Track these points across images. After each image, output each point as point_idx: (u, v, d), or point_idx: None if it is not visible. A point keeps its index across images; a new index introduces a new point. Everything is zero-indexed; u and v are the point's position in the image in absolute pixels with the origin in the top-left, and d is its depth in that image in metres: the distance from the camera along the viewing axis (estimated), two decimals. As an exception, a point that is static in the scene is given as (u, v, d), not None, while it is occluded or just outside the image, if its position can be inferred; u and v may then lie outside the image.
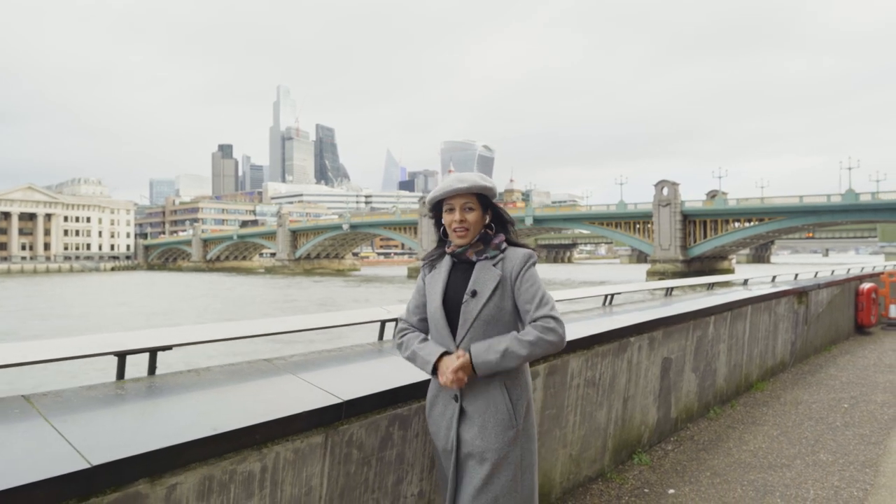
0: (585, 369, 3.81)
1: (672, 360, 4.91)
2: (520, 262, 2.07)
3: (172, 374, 2.28)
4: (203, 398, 2.14)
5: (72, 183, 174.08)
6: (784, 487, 3.98)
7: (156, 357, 2.30)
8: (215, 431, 1.85)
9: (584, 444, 3.90)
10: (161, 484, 1.73)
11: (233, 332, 2.55)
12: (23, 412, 1.82)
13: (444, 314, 2.10)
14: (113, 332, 2.37)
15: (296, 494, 2.11)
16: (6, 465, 1.54)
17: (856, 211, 55.50)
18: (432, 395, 2.18)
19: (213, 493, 1.87)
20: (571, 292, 5.26)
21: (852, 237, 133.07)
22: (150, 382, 2.21)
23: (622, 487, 3.99)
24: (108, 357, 2.28)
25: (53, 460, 1.56)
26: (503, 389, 2.05)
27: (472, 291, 2.05)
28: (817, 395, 6.40)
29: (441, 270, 2.18)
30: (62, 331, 21.36)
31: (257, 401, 2.16)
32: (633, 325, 4.28)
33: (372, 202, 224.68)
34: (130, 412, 1.97)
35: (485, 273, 2.08)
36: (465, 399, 2.06)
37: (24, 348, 2.05)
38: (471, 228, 2.10)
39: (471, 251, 2.12)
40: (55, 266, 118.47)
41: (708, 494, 3.89)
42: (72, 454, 1.60)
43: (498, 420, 2.02)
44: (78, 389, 2.04)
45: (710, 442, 4.91)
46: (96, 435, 1.74)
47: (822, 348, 8.90)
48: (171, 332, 2.39)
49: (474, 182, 2.10)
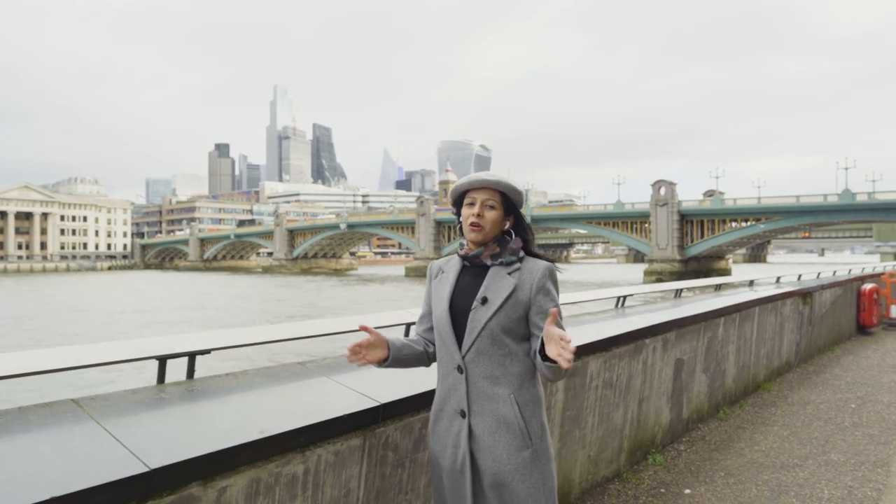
0: (603, 371, 3.86)
1: (684, 361, 4.96)
2: (540, 274, 1.91)
3: (211, 377, 2.31)
4: (244, 401, 2.17)
5: (68, 182, 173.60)
6: (798, 487, 4.03)
7: (194, 361, 2.34)
8: (263, 434, 1.88)
9: (602, 444, 3.94)
10: (213, 486, 1.77)
11: (267, 335, 2.59)
12: (75, 416, 1.85)
13: (450, 321, 1.92)
14: (155, 336, 2.39)
15: (335, 496, 2.15)
16: (67, 469, 1.57)
17: (852, 211, 55.72)
18: (436, 409, 1.99)
19: (259, 495, 1.90)
20: (585, 294, 5.31)
21: (848, 237, 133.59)
22: (191, 386, 2.25)
23: (639, 487, 4.03)
24: (125, 361, 2.30)
25: (112, 464, 1.59)
26: (514, 405, 1.85)
27: (482, 298, 1.88)
28: (824, 396, 6.45)
29: (449, 274, 2.02)
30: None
31: (297, 403, 2.20)
32: (648, 327, 4.33)
33: (369, 202, 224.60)
34: (178, 415, 2.01)
35: (498, 280, 1.91)
36: (474, 414, 1.87)
37: (73, 353, 2.08)
38: (486, 227, 1.92)
39: (486, 254, 1.94)
40: (52, 265, 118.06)
41: (724, 494, 3.93)
42: (129, 458, 1.63)
43: (510, 440, 1.83)
44: (123, 393, 2.07)
45: (722, 442, 4.96)
46: (149, 438, 1.77)
47: (825, 349, 8.97)
48: (209, 335, 2.42)
49: (501, 179, 1.96)
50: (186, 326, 24.36)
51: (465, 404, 1.88)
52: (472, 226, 1.93)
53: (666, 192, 63.11)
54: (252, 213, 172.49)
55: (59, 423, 1.80)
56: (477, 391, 1.88)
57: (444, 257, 2.11)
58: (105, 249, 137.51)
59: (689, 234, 63.14)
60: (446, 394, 1.95)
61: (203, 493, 1.75)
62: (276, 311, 32.29)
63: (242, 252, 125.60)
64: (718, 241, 61.79)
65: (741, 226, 61.15)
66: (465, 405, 1.88)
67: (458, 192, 2.01)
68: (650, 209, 63.84)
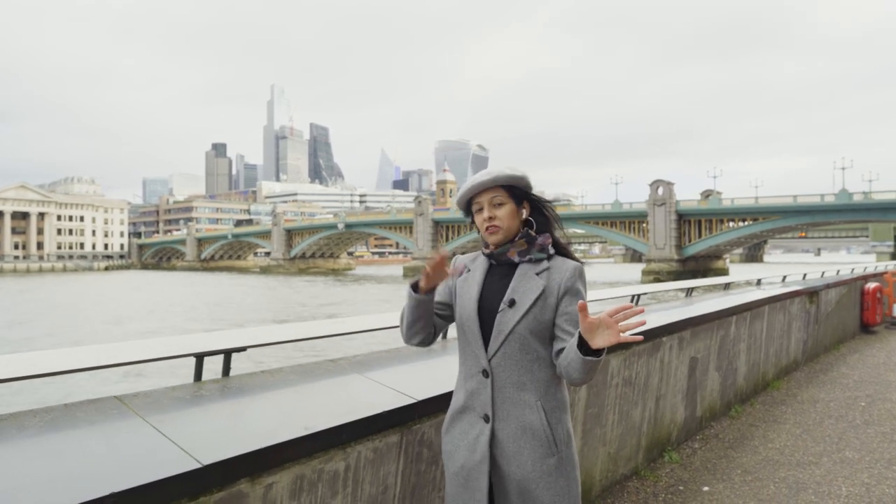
0: (623, 368, 3.87)
1: (698, 360, 4.97)
2: (569, 275, 1.82)
3: (248, 374, 2.32)
4: (284, 398, 2.17)
5: (65, 182, 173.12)
6: (816, 485, 4.05)
7: (230, 358, 2.33)
8: (307, 431, 1.89)
9: (621, 442, 3.95)
10: (260, 483, 1.77)
11: (300, 333, 2.59)
12: (120, 413, 1.85)
13: (478, 322, 1.84)
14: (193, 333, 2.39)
15: (374, 493, 2.15)
16: (121, 465, 1.57)
17: (849, 211, 55.90)
18: (455, 411, 1.91)
19: (303, 491, 1.91)
20: (601, 292, 5.33)
21: (844, 237, 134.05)
22: (227, 383, 2.25)
23: (657, 485, 4.04)
24: (165, 359, 2.29)
25: (165, 461, 1.60)
26: (540, 411, 1.79)
27: (510, 300, 1.81)
28: (833, 394, 6.47)
29: (476, 273, 1.93)
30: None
31: (336, 401, 2.20)
32: (665, 325, 4.34)
33: (366, 201, 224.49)
34: (222, 412, 2.01)
35: (526, 282, 1.83)
36: (498, 419, 1.80)
37: (115, 350, 2.08)
38: (502, 225, 1.84)
39: (513, 250, 1.86)
40: (48, 265, 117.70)
41: (742, 492, 3.95)
42: (181, 455, 1.63)
43: (535, 446, 1.77)
44: (164, 390, 2.07)
45: (736, 440, 4.97)
46: (197, 435, 1.78)
47: (830, 347, 9.00)
48: (244, 333, 2.43)
49: (499, 172, 1.86)
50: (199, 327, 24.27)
51: (489, 409, 1.82)
52: (489, 230, 1.86)
53: (664, 192, 63.23)
54: (249, 212, 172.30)
55: (106, 420, 1.80)
56: (503, 396, 1.81)
57: (470, 253, 2.02)
58: (102, 249, 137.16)
59: (686, 233, 63.28)
60: (468, 396, 1.87)
61: (251, 490, 1.75)
62: (294, 312, 32.21)
63: (240, 252, 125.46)
64: (716, 241, 61.93)
65: (738, 225, 61.30)
66: (489, 410, 1.82)
67: (464, 201, 1.93)
68: (648, 209, 63.96)
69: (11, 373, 1.77)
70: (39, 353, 1.97)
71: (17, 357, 1.86)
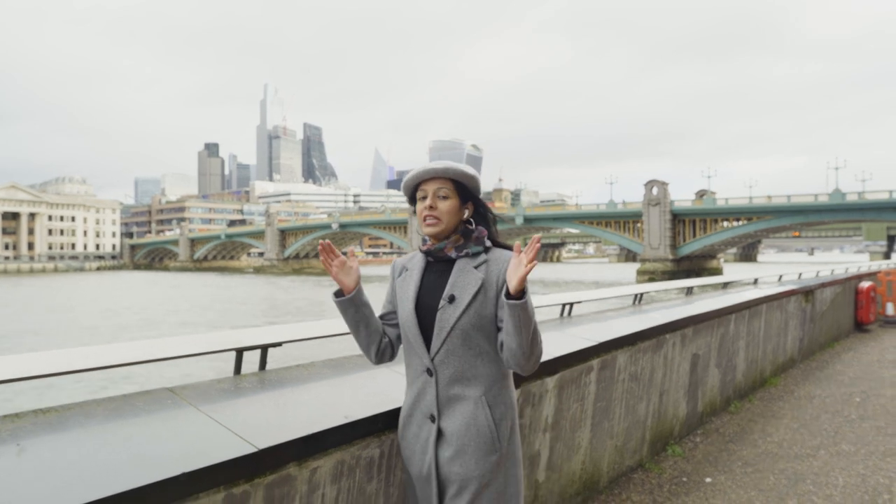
0: (629, 364, 4.01)
1: (699, 356, 5.13)
2: (506, 266, 1.78)
3: (284, 368, 2.45)
4: (320, 390, 2.30)
5: (56, 182, 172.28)
6: (814, 476, 4.21)
7: (266, 353, 2.46)
8: (347, 420, 2.02)
9: (627, 435, 4.09)
10: (306, 467, 1.90)
11: (332, 329, 2.71)
12: (175, 402, 1.98)
13: (416, 322, 1.82)
14: (233, 329, 2.52)
15: (405, 479, 2.28)
16: (186, 448, 1.70)
17: (842, 210, 56.37)
18: (405, 415, 1.91)
19: (343, 476, 2.04)
20: (603, 292, 5.49)
21: (837, 236, 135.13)
22: (265, 376, 2.38)
23: (661, 476, 4.19)
24: (210, 353, 2.42)
25: (225, 445, 1.72)
26: (485, 407, 1.78)
27: (449, 296, 1.78)
28: (829, 390, 6.65)
29: (414, 272, 1.91)
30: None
31: (369, 392, 2.33)
32: (669, 323, 4.49)
33: (360, 201, 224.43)
34: (266, 402, 2.13)
35: (464, 276, 1.80)
36: (444, 418, 1.80)
37: (165, 344, 2.21)
38: (442, 218, 1.81)
39: (449, 246, 1.83)
40: (39, 266, 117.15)
41: (743, 482, 4.10)
42: (238, 440, 1.76)
43: (479, 443, 1.76)
44: (210, 382, 2.20)
45: (736, 434, 5.13)
46: (248, 423, 1.90)
47: (825, 345, 9.19)
48: (279, 329, 2.56)
49: (451, 166, 1.82)
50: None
51: (434, 408, 1.81)
52: (427, 219, 1.82)
53: (658, 192, 63.59)
54: (242, 212, 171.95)
55: (163, 409, 1.92)
56: (447, 394, 1.80)
57: (408, 254, 2.00)
58: (94, 250, 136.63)
59: (681, 233, 63.66)
60: (415, 397, 1.87)
61: (298, 473, 1.88)
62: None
63: (233, 252, 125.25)
64: (711, 241, 62.34)
65: (733, 225, 61.72)
66: (434, 409, 1.81)
67: (410, 186, 1.88)
68: (643, 209, 64.30)
69: (74, 365, 1.90)
70: (98, 348, 2.09)
71: (79, 351, 1.99)
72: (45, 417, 1.76)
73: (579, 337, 3.63)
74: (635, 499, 3.84)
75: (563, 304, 4.58)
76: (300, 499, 1.90)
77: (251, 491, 1.74)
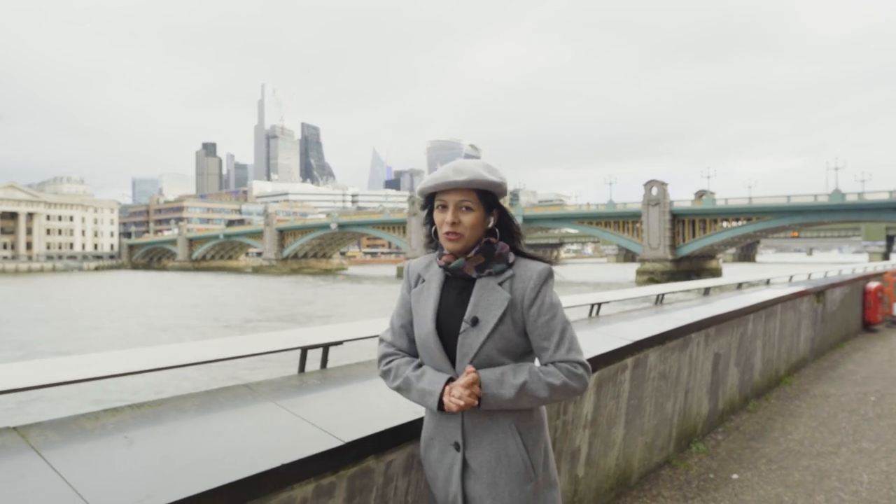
0: (659, 363, 4.09)
1: (721, 356, 5.21)
2: (535, 280, 1.63)
3: (344, 366, 2.52)
4: (384, 387, 2.36)
5: (54, 182, 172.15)
6: (838, 472, 4.29)
7: (328, 351, 2.53)
8: (417, 416, 2.09)
9: (656, 432, 4.18)
10: (383, 460, 1.98)
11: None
12: (255, 397, 2.06)
13: (439, 344, 1.65)
14: (297, 328, 2.59)
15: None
16: (278, 441, 1.78)
17: (842, 211, 56.56)
18: (427, 437, 1.77)
19: (412, 469, 2.11)
20: (627, 292, 5.58)
21: (836, 236, 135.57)
22: (327, 374, 2.45)
23: (689, 473, 4.28)
24: (278, 351, 2.49)
25: (313, 439, 1.80)
26: (515, 435, 1.64)
27: (472, 319, 1.61)
28: (843, 389, 6.74)
29: (432, 285, 1.73)
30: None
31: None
32: (694, 322, 4.57)
33: (358, 201, 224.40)
34: (336, 398, 2.21)
35: (488, 294, 1.63)
36: (469, 448, 1.65)
37: (237, 343, 2.29)
38: (466, 234, 1.63)
39: (469, 266, 1.66)
40: (37, 266, 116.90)
41: (770, 479, 4.18)
42: (324, 434, 1.83)
43: (512, 475, 1.62)
44: (280, 380, 2.28)
45: (756, 432, 5.21)
46: (328, 417, 1.98)
47: (835, 345, 9.29)
48: (339, 328, 2.63)
49: (476, 175, 1.61)
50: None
51: (459, 436, 1.66)
52: (449, 235, 1.64)
53: (658, 192, 63.74)
54: (241, 212, 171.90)
55: (246, 404, 2.00)
56: (473, 422, 1.65)
57: (423, 258, 1.82)
58: (92, 249, 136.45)
59: (680, 233, 63.81)
60: (438, 421, 1.72)
61: (376, 466, 1.96)
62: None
63: (231, 252, 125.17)
64: (710, 241, 62.51)
65: (732, 225, 61.89)
66: (459, 437, 1.66)
67: (426, 194, 1.70)
68: (642, 209, 64.44)
69: (160, 363, 1.97)
70: (178, 346, 2.16)
71: (163, 349, 2.07)
72: (140, 412, 1.83)
73: (613, 336, 3.71)
74: (666, 494, 3.92)
75: (592, 304, 4.67)
76: (376, 490, 1.97)
77: (336, 482, 1.82)
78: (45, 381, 1.79)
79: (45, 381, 1.79)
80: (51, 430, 1.68)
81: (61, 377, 1.84)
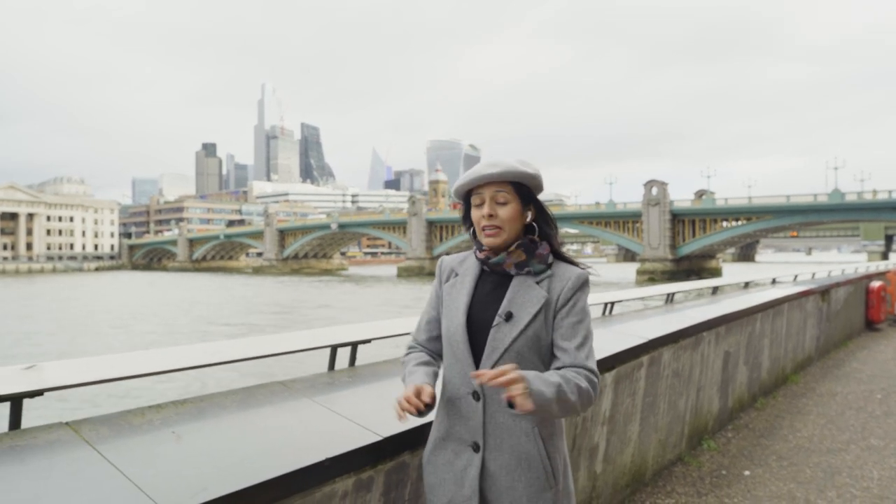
0: (672, 361, 4.15)
1: (730, 354, 5.27)
2: (571, 284, 1.62)
3: (372, 364, 2.57)
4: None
5: (54, 182, 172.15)
6: (849, 469, 4.34)
7: (356, 349, 2.58)
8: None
9: (669, 429, 4.23)
10: (416, 455, 2.02)
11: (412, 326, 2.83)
12: (291, 394, 2.11)
13: (466, 338, 1.62)
14: (326, 327, 2.64)
15: None
16: (319, 437, 1.83)
17: (841, 210, 56.65)
18: (438, 437, 1.70)
19: (444, 464, 2.16)
20: (635, 292, 5.63)
21: (835, 236, 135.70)
22: (356, 371, 2.50)
23: (701, 469, 4.33)
24: (308, 350, 2.53)
25: (353, 434, 1.85)
26: (538, 439, 1.59)
27: (506, 313, 1.59)
28: (849, 387, 6.79)
29: (466, 279, 1.70)
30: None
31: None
32: (706, 321, 4.63)
33: (359, 201, 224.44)
34: (368, 394, 2.25)
35: (525, 292, 1.61)
36: (489, 449, 1.60)
37: (271, 341, 2.34)
38: (504, 227, 1.62)
39: (509, 262, 1.64)
40: (37, 266, 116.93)
41: (781, 475, 4.24)
42: (362, 430, 1.88)
43: (531, 479, 1.58)
44: (311, 377, 2.32)
45: (766, 430, 5.27)
46: (365, 413, 2.02)
47: (839, 343, 9.34)
48: (367, 327, 2.68)
49: (509, 167, 1.61)
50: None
51: (480, 436, 1.60)
52: (487, 229, 1.62)
53: (658, 192, 63.81)
54: (241, 213, 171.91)
55: (283, 400, 2.05)
56: (495, 422, 1.60)
57: (458, 254, 1.80)
58: (92, 250, 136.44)
59: (680, 233, 63.89)
60: (454, 420, 1.66)
61: (411, 461, 2.01)
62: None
63: (232, 252, 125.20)
64: (710, 241, 62.59)
65: (732, 225, 61.97)
66: (480, 437, 1.60)
67: (462, 192, 1.69)
68: (642, 209, 64.51)
69: (200, 360, 2.02)
70: (219, 344, 2.21)
71: (204, 346, 2.11)
72: (183, 408, 1.88)
73: (629, 334, 3.76)
74: (680, 490, 3.98)
75: (606, 303, 4.72)
76: (411, 484, 2.02)
77: (375, 477, 1.87)
78: (120, 374, 1.88)
79: (122, 374, 1.87)
80: (101, 425, 1.72)
81: (127, 372, 1.90)
